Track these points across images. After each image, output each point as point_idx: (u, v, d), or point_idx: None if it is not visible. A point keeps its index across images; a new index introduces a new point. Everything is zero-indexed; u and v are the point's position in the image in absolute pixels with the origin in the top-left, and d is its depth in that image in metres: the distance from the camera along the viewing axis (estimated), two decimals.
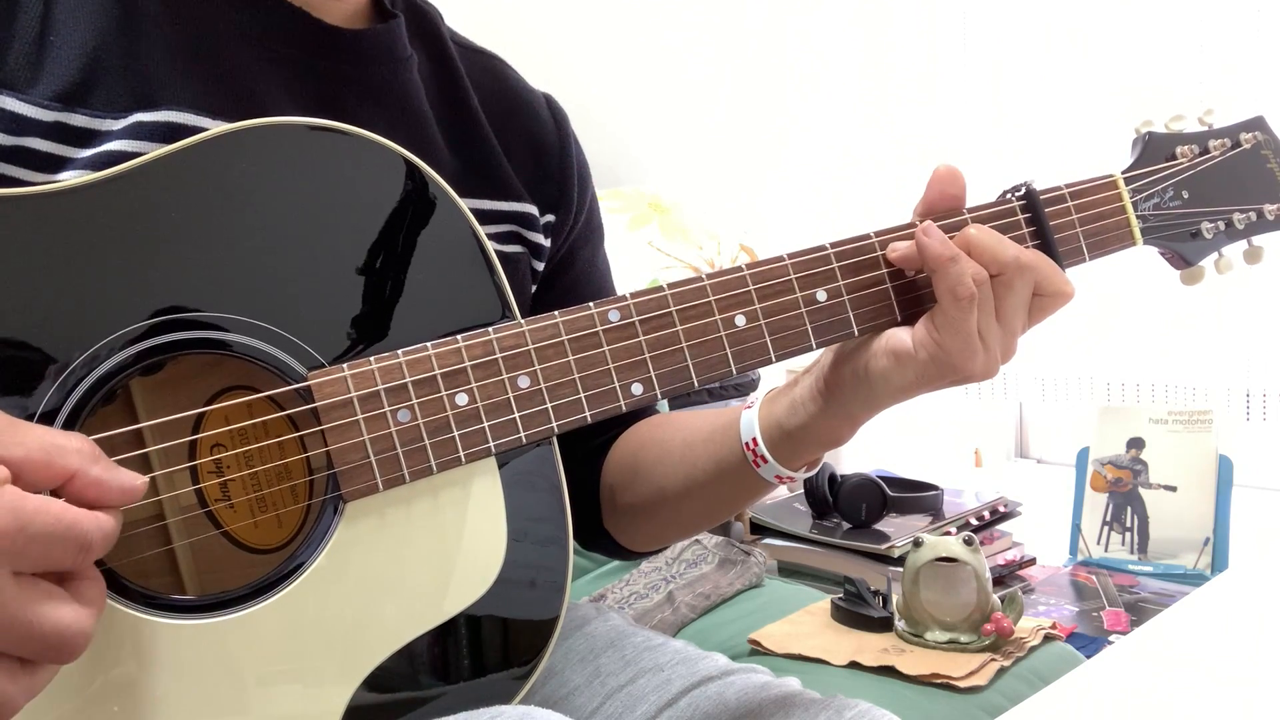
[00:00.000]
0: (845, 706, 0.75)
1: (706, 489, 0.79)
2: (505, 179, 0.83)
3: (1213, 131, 0.80)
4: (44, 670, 0.50)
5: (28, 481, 0.49)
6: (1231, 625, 0.73)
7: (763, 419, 0.75)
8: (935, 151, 2.08)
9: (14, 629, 0.48)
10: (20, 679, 0.49)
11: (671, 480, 0.81)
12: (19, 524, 0.47)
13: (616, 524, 0.87)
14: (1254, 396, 1.88)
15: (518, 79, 0.90)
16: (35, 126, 0.64)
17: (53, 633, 0.49)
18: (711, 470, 0.78)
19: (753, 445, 0.75)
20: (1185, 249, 0.79)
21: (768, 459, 0.74)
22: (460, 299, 0.67)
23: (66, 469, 0.51)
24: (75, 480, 0.51)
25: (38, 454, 0.50)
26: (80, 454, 0.51)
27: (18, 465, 0.49)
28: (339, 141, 0.65)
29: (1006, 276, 0.68)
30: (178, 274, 0.61)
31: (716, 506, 0.82)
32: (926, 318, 0.69)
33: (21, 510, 0.47)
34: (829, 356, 0.73)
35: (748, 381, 1.79)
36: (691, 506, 0.81)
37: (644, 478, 0.83)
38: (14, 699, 0.49)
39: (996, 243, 0.68)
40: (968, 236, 0.69)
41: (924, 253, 0.68)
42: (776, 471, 0.75)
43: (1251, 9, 1.78)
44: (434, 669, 0.65)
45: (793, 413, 0.74)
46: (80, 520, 0.49)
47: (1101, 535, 1.78)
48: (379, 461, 0.62)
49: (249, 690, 0.60)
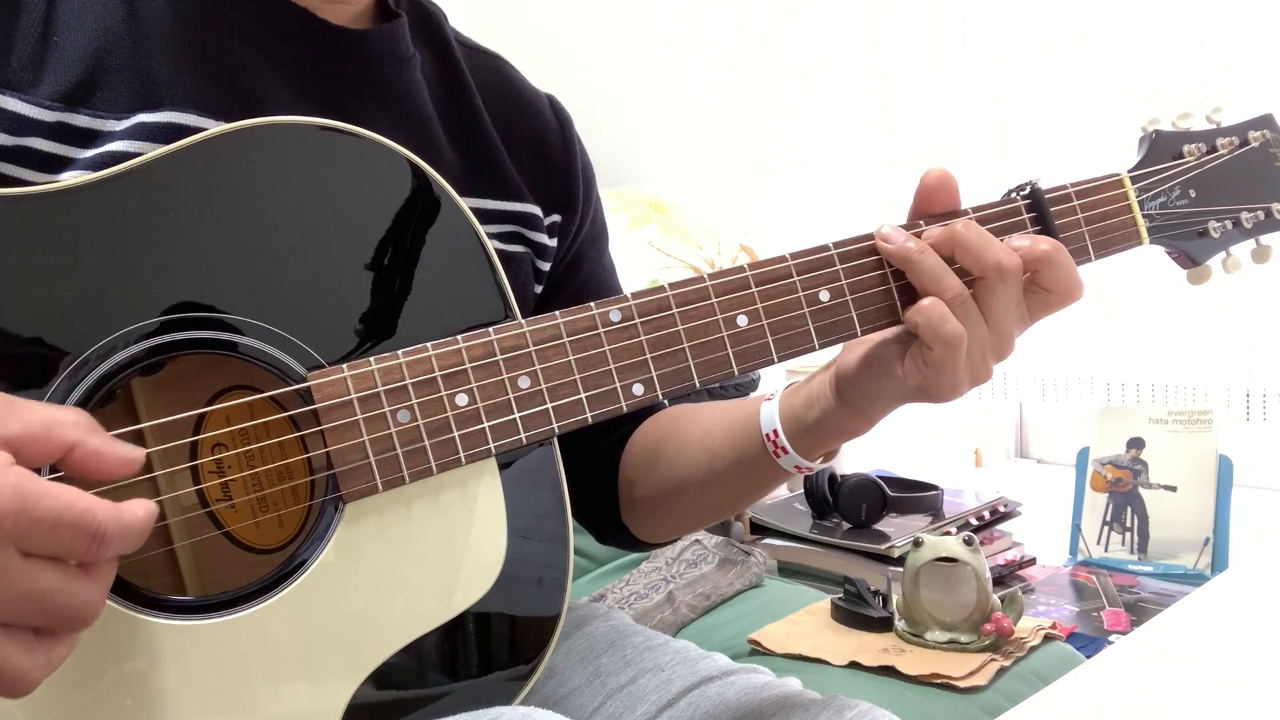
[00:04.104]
0: (845, 706, 0.75)
1: (726, 479, 0.80)
2: (508, 179, 0.83)
3: (1220, 129, 0.79)
4: (60, 645, 0.50)
5: (28, 456, 0.49)
6: (1231, 625, 0.73)
7: (783, 411, 0.76)
8: (936, 152, 2.08)
9: (26, 601, 0.48)
10: (37, 652, 0.49)
11: (692, 471, 0.82)
12: (22, 505, 0.47)
13: (634, 516, 0.88)
14: (1254, 396, 1.88)
15: (521, 79, 0.90)
16: (37, 127, 0.64)
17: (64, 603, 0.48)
18: (732, 460, 0.79)
19: (773, 436, 0.76)
20: (1192, 248, 0.79)
21: (788, 450, 0.76)
22: (462, 300, 0.67)
23: (66, 441, 0.50)
24: (75, 451, 0.51)
25: (36, 428, 0.50)
26: (78, 426, 0.51)
27: (17, 440, 0.49)
28: (344, 142, 0.65)
29: (989, 280, 0.67)
30: (187, 271, 0.61)
31: (736, 496, 0.83)
32: (917, 351, 0.68)
33: (27, 492, 0.47)
34: (844, 356, 0.74)
35: (748, 382, 1.79)
36: (711, 496, 0.82)
37: (664, 469, 0.84)
38: (31, 673, 0.49)
39: (982, 245, 0.68)
40: (954, 235, 0.68)
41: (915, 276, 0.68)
42: (796, 462, 0.76)
43: (1251, 9, 1.78)
44: (435, 668, 0.65)
45: (810, 407, 0.75)
46: (94, 509, 0.49)
47: (1101, 535, 1.78)
48: (378, 462, 0.62)
49: (250, 689, 0.60)
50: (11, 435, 0.49)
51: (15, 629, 0.48)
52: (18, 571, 0.47)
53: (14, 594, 0.47)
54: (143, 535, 0.51)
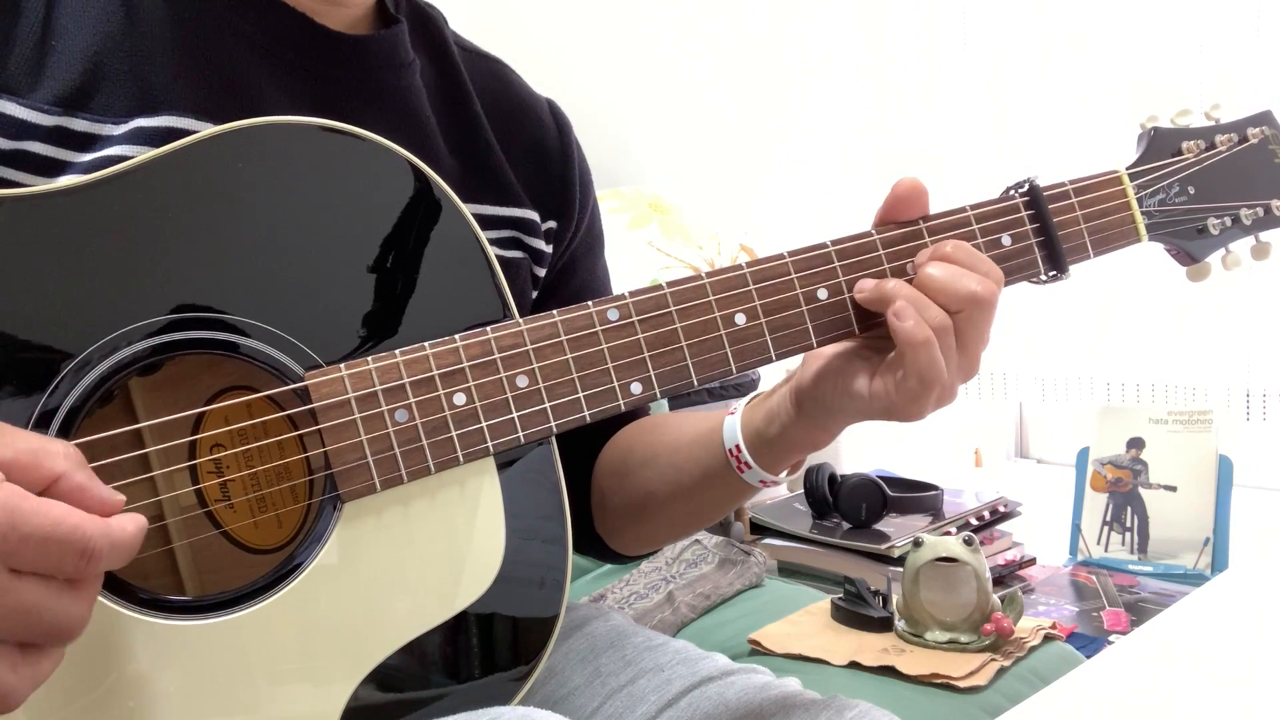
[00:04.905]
0: (845, 707, 0.75)
1: (693, 493, 0.80)
2: (507, 184, 0.83)
3: (1219, 126, 0.79)
4: (46, 660, 0.50)
5: (16, 480, 0.49)
6: (1231, 625, 0.73)
7: (744, 426, 0.76)
8: (936, 151, 2.08)
9: (11, 616, 0.48)
10: (21, 669, 0.49)
11: (659, 484, 0.82)
12: (11, 522, 0.47)
13: (607, 527, 0.88)
14: (1254, 396, 1.88)
15: (521, 84, 0.90)
16: (35, 131, 0.64)
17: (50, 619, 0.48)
18: (697, 475, 0.79)
19: (736, 452, 0.76)
20: (1191, 245, 0.79)
21: (751, 465, 0.75)
22: (461, 302, 0.67)
23: (53, 471, 0.51)
24: (60, 483, 0.51)
25: (26, 455, 0.50)
26: (67, 459, 0.51)
27: (6, 465, 0.49)
28: (346, 144, 0.65)
29: (966, 313, 0.67)
30: (189, 271, 0.61)
31: (703, 509, 0.83)
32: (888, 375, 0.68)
33: (16, 509, 0.47)
34: (803, 369, 0.73)
35: (747, 381, 1.79)
36: (679, 509, 0.82)
37: (632, 481, 0.84)
38: (16, 689, 0.49)
39: (952, 280, 0.67)
40: (923, 279, 0.68)
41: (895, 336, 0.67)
42: (760, 476, 0.76)
43: (1251, 9, 1.78)
44: (433, 668, 0.64)
45: (770, 422, 0.74)
46: (83, 525, 0.49)
47: (1101, 535, 1.78)
48: (376, 462, 0.62)
49: (249, 688, 0.60)
50: (3, 459, 0.49)
51: (1, 645, 0.48)
52: (4, 587, 0.47)
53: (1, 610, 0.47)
54: (132, 550, 0.51)
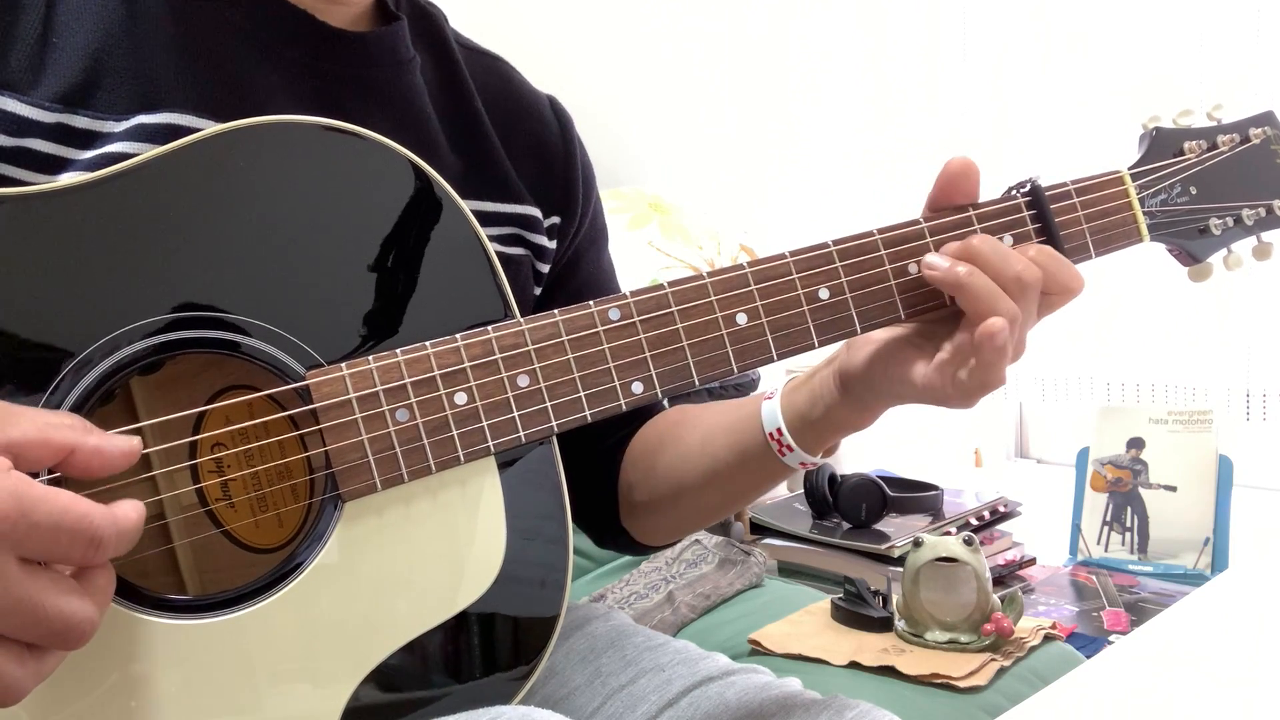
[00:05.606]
0: (845, 707, 0.75)
1: (728, 479, 0.81)
2: (508, 181, 0.83)
3: (1221, 126, 0.79)
4: (51, 656, 0.50)
5: (28, 460, 0.50)
6: (1231, 625, 0.73)
7: (786, 409, 0.76)
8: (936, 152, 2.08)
9: (19, 613, 0.48)
10: (28, 663, 0.49)
11: (691, 473, 0.82)
12: (20, 509, 0.47)
13: (634, 520, 0.88)
14: (1254, 396, 1.88)
15: (522, 81, 0.90)
16: (36, 128, 0.64)
17: (58, 618, 0.48)
18: (734, 461, 0.79)
19: (777, 435, 0.76)
20: (1193, 246, 0.79)
21: (794, 447, 0.76)
22: (462, 301, 0.67)
23: (65, 444, 0.51)
24: (75, 453, 0.51)
25: (34, 433, 0.50)
26: (73, 429, 0.52)
27: (17, 446, 0.49)
28: (347, 143, 0.65)
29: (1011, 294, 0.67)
30: (190, 270, 0.61)
31: (736, 495, 0.84)
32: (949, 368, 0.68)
33: (24, 496, 0.47)
34: (850, 353, 0.74)
35: (747, 381, 1.79)
36: (712, 497, 0.83)
37: (663, 473, 0.84)
38: (21, 683, 0.49)
39: (1001, 260, 0.68)
40: (970, 251, 0.68)
41: (979, 332, 0.67)
42: (801, 459, 0.77)
43: (1251, 8, 1.78)
44: (434, 667, 0.64)
45: (814, 404, 0.75)
46: (91, 513, 0.49)
47: (1101, 535, 1.78)
48: (377, 461, 0.62)
49: (250, 688, 0.60)
50: (11, 440, 0.49)
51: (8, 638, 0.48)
52: (13, 578, 0.47)
53: (9, 601, 0.47)
54: (135, 537, 0.51)
